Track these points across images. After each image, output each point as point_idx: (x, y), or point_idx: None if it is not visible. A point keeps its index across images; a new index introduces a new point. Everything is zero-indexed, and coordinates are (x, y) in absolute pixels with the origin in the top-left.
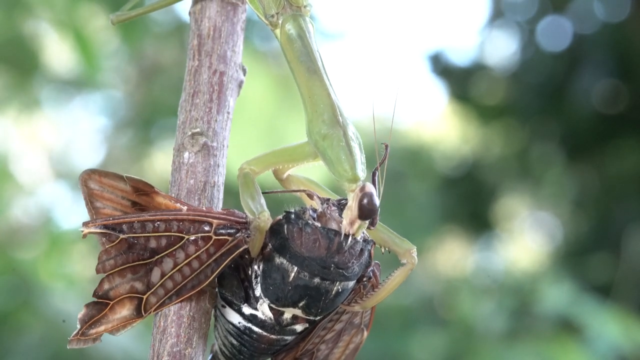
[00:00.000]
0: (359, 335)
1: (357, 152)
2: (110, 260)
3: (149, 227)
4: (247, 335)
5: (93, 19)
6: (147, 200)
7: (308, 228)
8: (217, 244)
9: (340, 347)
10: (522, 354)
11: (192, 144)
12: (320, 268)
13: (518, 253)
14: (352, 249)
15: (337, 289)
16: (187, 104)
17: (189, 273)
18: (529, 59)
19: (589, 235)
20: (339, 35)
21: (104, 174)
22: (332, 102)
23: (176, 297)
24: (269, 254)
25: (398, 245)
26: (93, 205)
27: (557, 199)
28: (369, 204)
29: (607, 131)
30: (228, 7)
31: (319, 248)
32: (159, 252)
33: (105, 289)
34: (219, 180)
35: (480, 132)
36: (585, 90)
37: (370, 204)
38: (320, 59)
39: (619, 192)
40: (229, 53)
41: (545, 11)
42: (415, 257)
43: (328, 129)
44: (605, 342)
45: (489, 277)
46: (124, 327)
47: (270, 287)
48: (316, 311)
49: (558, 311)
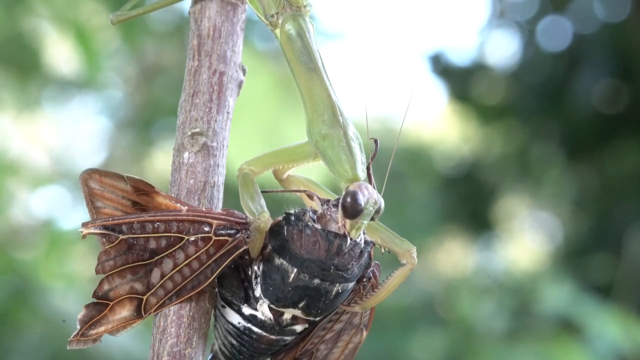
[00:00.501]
0: (358, 335)
1: (358, 152)
2: (109, 261)
3: (148, 227)
4: (246, 335)
5: (93, 18)
6: (148, 200)
7: (308, 230)
8: (217, 245)
9: (339, 347)
10: (522, 354)
11: (192, 144)
12: (320, 270)
13: (518, 253)
14: (351, 250)
15: (337, 290)
16: (187, 104)
17: (188, 274)
18: (529, 59)
19: (589, 235)
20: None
21: (104, 173)
22: (332, 102)
23: (176, 298)
24: (268, 255)
25: (398, 245)
26: (94, 205)
27: (557, 199)
28: (352, 203)
29: (607, 131)
30: (228, 7)
31: (318, 250)
32: (158, 252)
33: (105, 289)
34: (219, 180)
35: (480, 132)
36: (585, 90)
37: (354, 203)
38: (321, 58)
39: (619, 192)
40: (229, 53)
41: (545, 11)
42: (415, 257)
43: (328, 129)
44: (605, 342)
45: (489, 277)
46: (124, 327)
47: (270, 287)
48: (316, 312)
49: (558, 311)
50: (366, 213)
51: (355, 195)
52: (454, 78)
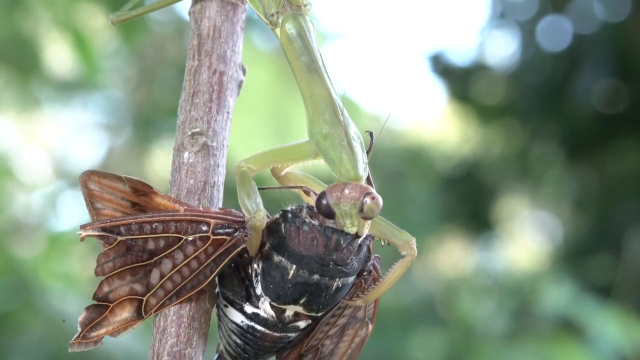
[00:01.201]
0: (364, 328)
1: (359, 152)
2: (108, 262)
3: (146, 228)
4: (250, 333)
5: (93, 19)
6: (146, 200)
7: (305, 226)
8: (215, 244)
9: (345, 342)
10: (522, 354)
11: (192, 144)
12: (319, 266)
13: (518, 253)
14: (350, 245)
15: (337, 285)
16: (187, 103)
17: (188, 274)
18: (529, 59)
19: (589, 236)
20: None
21: (103, 175)
22: (333, 101)
23: (176, 298)
24: (267, 253)
25: (397, 237)
26: (93, 206)
27: (557, 199)
28: (319, 206)
29: (607, 131)
30: (228, 7)
31: (316, 246)
32: (157, 253)
33: (104, 291)
34: (219, 180)
35: (480, 132)
36: (585, 90)
37: (319, 205)
38: (321, 58)
39: (619, 192)
40: (229, 53)
41: (545, 11)
42: (415, 248)
43: (329, 129)
44: (606, 342)
45: (489, 277)
46: (124, 329)
47: (270, 285)
48: (317, 307)
49: (558, 311)
50: (344, 213)
51: (320, 199)
52: (454, 78)
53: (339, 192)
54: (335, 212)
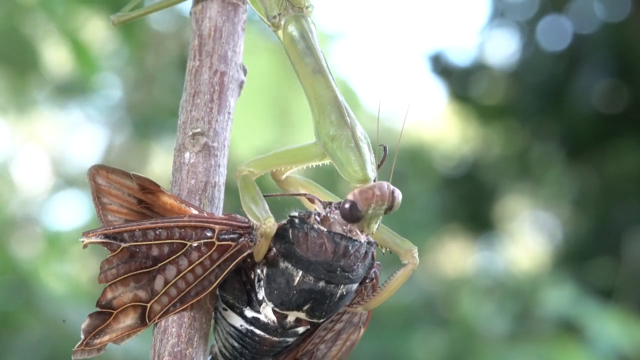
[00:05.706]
0: (356, 332)
1: (367, 153)
2: (112, 269)
3: (150, 235)
4: (249, 337)
5: (92, 20)
6: (153, 198)
7: (313, 232)
8: (220, 250)
9: (338, 345)
10: (523, 355)
11: (193, 144)
12: (326, 272)
13: (519, 253)
14: (357, 251)
15: (342, 292)
16: (187, 104)
17: (192, 280)
18: (529, 58)
19: (589, 236)
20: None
21: (111, 170)
22: (338, 102)
23: (180, 305)
24: (273, 259)
25: (399, 245)
26: (100, 201)
27: (557, 199)
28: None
29: (607, 131)
30: (229, 7)
31: (325, 252)
32: (161, 259)
33: (108, 298)
34: (220, 181)
35: (480, 132)
36: (585, 90)
37: (352, 211)
38: (324, 59)
39: (619, 192)
40: (230, 53)
41: (545, 11)
42: (417, 257)
43: (336, 130)
44: (606, 343)
45: (490, 278)
46: (128, 336)
47: (274, 291)
48: (320, 314)
49: (559, 312)
50: (371, 215)
51: (353, 206)
52: (454, 78)
53: (369, 195)
54: (363, 215)
